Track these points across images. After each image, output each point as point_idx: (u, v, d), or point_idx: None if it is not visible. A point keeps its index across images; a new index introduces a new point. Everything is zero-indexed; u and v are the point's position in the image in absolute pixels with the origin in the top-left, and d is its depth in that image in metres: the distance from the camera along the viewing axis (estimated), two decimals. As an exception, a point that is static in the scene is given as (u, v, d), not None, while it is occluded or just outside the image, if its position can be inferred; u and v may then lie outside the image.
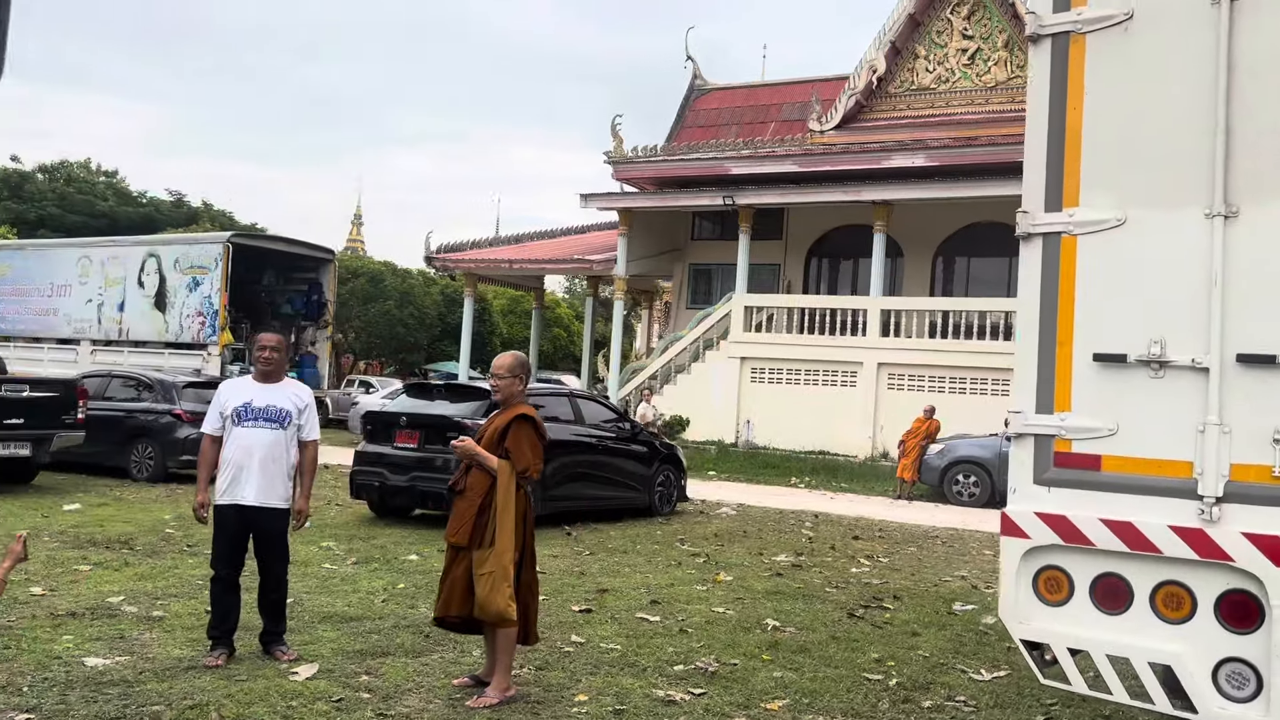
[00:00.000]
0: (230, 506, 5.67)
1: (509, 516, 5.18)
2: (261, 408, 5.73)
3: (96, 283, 22.00)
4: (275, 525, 5.79)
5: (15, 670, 5.14)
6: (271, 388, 5.87)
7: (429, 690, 5.26)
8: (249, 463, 5.67)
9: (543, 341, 49.32)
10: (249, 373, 10.62)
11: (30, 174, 54.76)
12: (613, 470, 12.44)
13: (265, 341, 5.90)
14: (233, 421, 5.69)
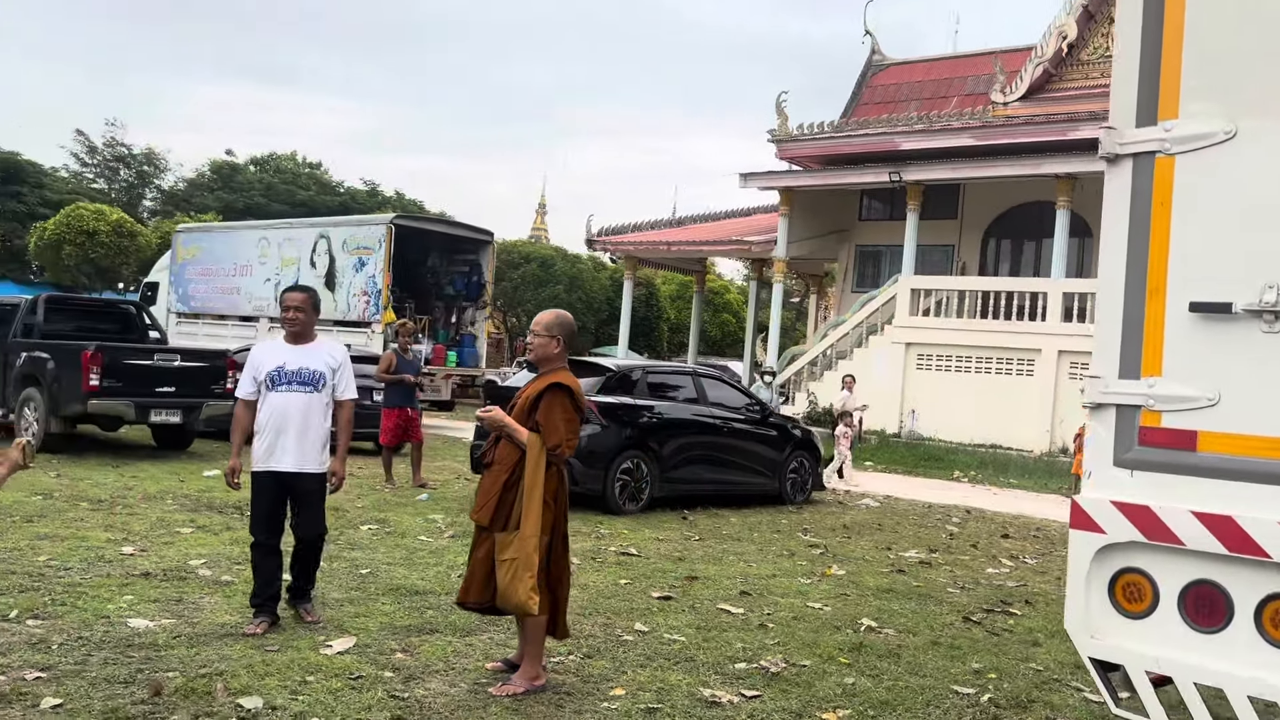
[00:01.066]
0: (267, 473, 5.50)
1: (536, 498, 4.66)
2: (294, 371, 5.53)
3: (274, 263, 23.08)
4: (312, 489, 5.61)
5: (56, 627, 5.13)
6: (304, 349, 5.65)
7: (458, 672, 4.92)
8: (285, 428, 5.49)
9: (711, 327, 48.92)
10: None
11: (241, 166, 58.86)
12: (738, 454, 11.83)
13: (290, 301, 5.66)
14: (266, 386, 5.51)
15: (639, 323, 39.71)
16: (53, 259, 39.16)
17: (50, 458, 11.66)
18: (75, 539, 7.29)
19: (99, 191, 53.63)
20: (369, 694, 4.48)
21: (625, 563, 7.98)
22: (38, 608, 5.42)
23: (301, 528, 5.64)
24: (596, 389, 10.61)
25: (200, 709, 4.14)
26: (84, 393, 11.93)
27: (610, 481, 10.38)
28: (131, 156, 57.03)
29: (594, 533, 9.28)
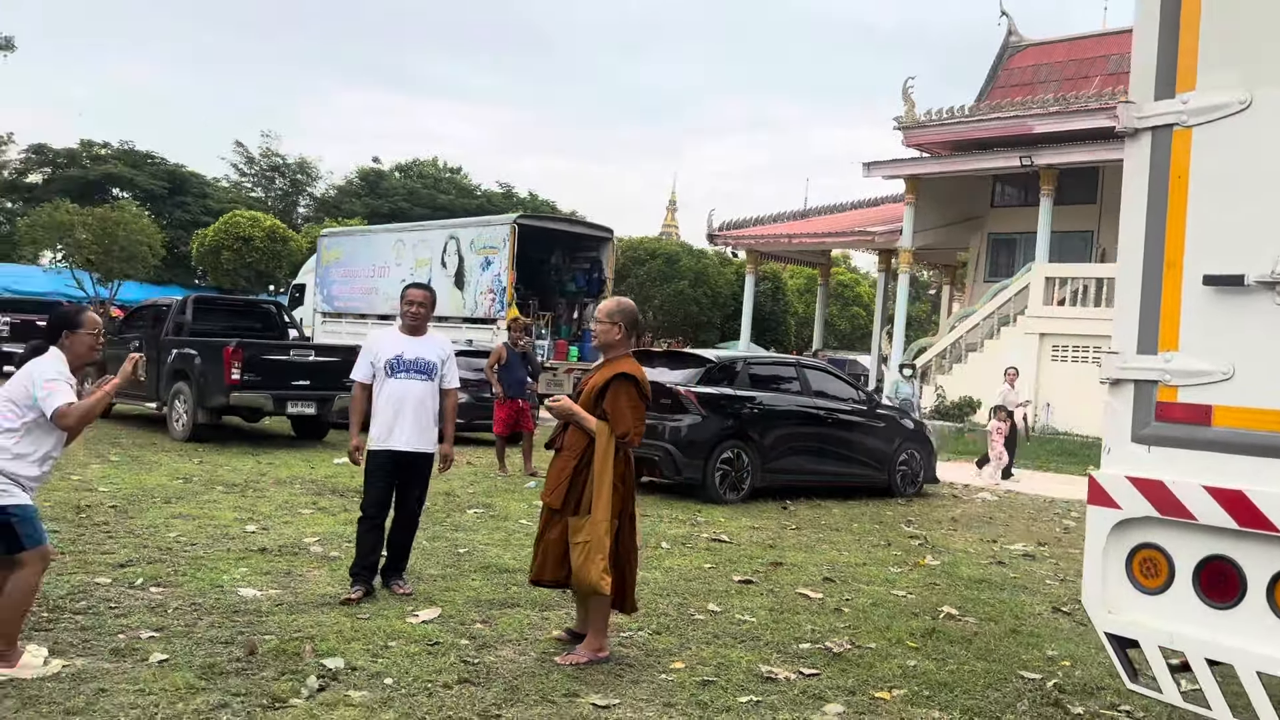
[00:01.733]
0: (385, 452, 5.94)
1: (605, 483, 4.88)
2: (412, 360, 5.97)
3: (408, 264, 24.11)
4: (423, 468, 6.05)
5: (174, 594, 5.65)
6: (419, 340, 6.09)
7: (530, 642, 5.19)
8: (403, 411, 5.93)
9: (840, 320, 48.28)
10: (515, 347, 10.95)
11: (387, 173, 61.42)
12: (844, 445, 11.78)
13: (413, 296, 6.12)
14: (386, 372, 5.95)
15: (765, 317, 39.51)
16: (213, 263, 41.76)
17: (197, 446, 12.61)
18: (206, 518, 7.93)
19: (256, 200, 56.89)
20: (443, 659, 4.79)
21: (714, 549, 8.13)
22: (161, 577, 5.98)
23: (406, 502, 6.09)
24: (696, 380, 10.77)
25: (287, 667, 4.53)
26: (226, 386, 12.82)
27: (710, 471, 10.53)
28: (286, 166, 60.24)
29: (690, 520, 9.45)
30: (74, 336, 4.46)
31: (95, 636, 4.77)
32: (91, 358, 4.57)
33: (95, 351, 4.57)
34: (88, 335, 4.49)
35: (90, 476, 9.49)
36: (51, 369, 4.35)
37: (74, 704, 3.87)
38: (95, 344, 4.54)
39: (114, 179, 50.41)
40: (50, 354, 4.43)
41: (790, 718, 4.31)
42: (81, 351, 4.49)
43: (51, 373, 4.33)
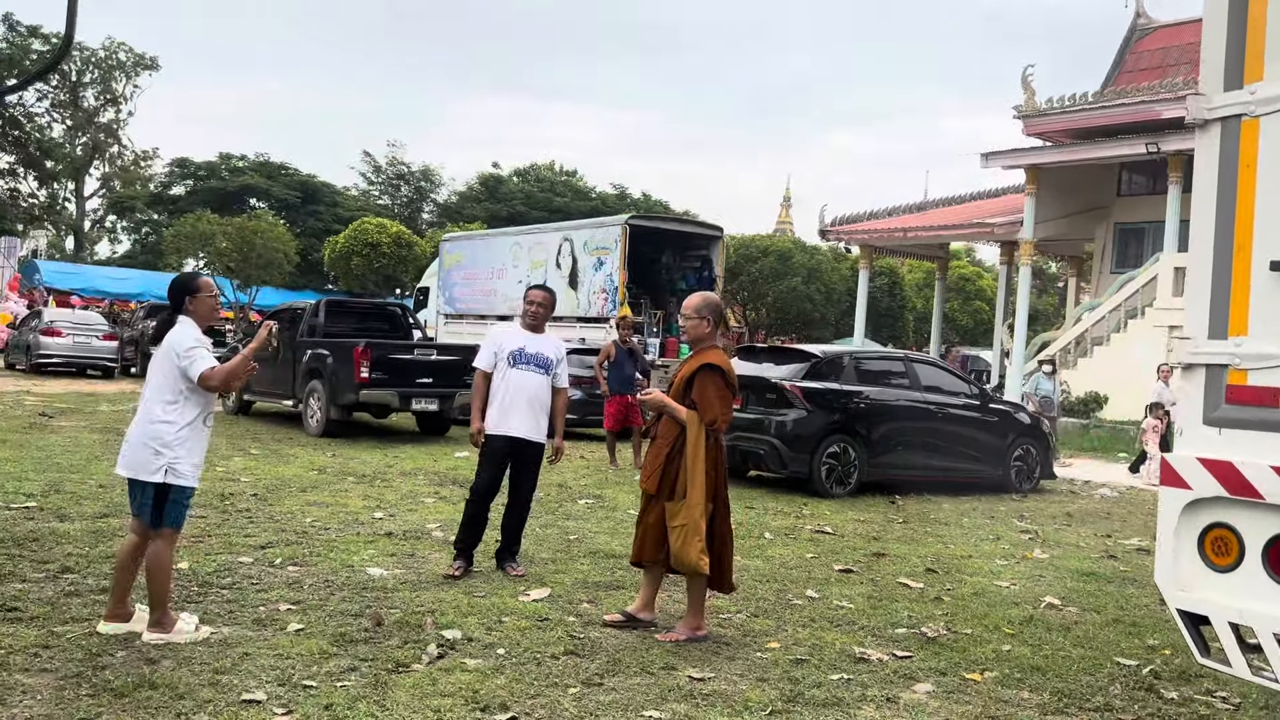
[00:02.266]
0: (501, 437, 6.36)
1: (699, 468, 5.14)
2: (533, 354, 6.38)
3: (525, 266, 24.84)
4: (534, 456, 6.45)
5: (309, 572, 6.15)
6: (539, 337, 6.51)
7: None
8: (519, 400, 6.35)
9: (961, 315, 47.21)
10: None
11: (505, 177, 62.97)
12: (955, 440, 11.72)
13: (533, 297, 6.54)
14: (508, 363, 6.39)
15: (882, 313, 39.07)
16: (344, 269, 43.68)
17: (330, 441, 13.37)
18: (337, 505, 8.50)
19: (383, 207, 59.12)
20: (551, 633, 5.12)
21: (818, 540, 8.28)
22: (298, 557, 6.50)
23: (518, 488, 6.48)
24: (801, 375, 10.91)
25: (410, 637, 4.93)
26: (356, 384, 13.56)
27: (816, 465, 10.65)
28: (410, 174, 62.43)
29: (795, 513, 9.61)
30: (195, 300, 4.86)
31: (239, 608, 5.27)
32: (214, 319, 4.97)
33: (216, 313, 4.97)
34: (208, 297, 4.89)
35: (234, 468, 10.23)
36: (189, 337, 4.75)
37: (221, 664, 4.34)
38: (216, 305, 4.96)
39: (251, 190, 53.14)
40: (180, 323, 4.81)
41: (879, 694, 4.48)
42: (205, 313, 4.89)
43: (189, 341, 4.74)
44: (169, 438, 4.71)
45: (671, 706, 4.18)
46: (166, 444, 4.70)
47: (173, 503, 4.73)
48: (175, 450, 4.70)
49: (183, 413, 4.74)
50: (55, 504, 7.68)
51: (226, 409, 16.53)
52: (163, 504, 4.71)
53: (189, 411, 4.75)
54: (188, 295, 4.91)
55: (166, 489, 4.71)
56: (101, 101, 57.89)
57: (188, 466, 4.75)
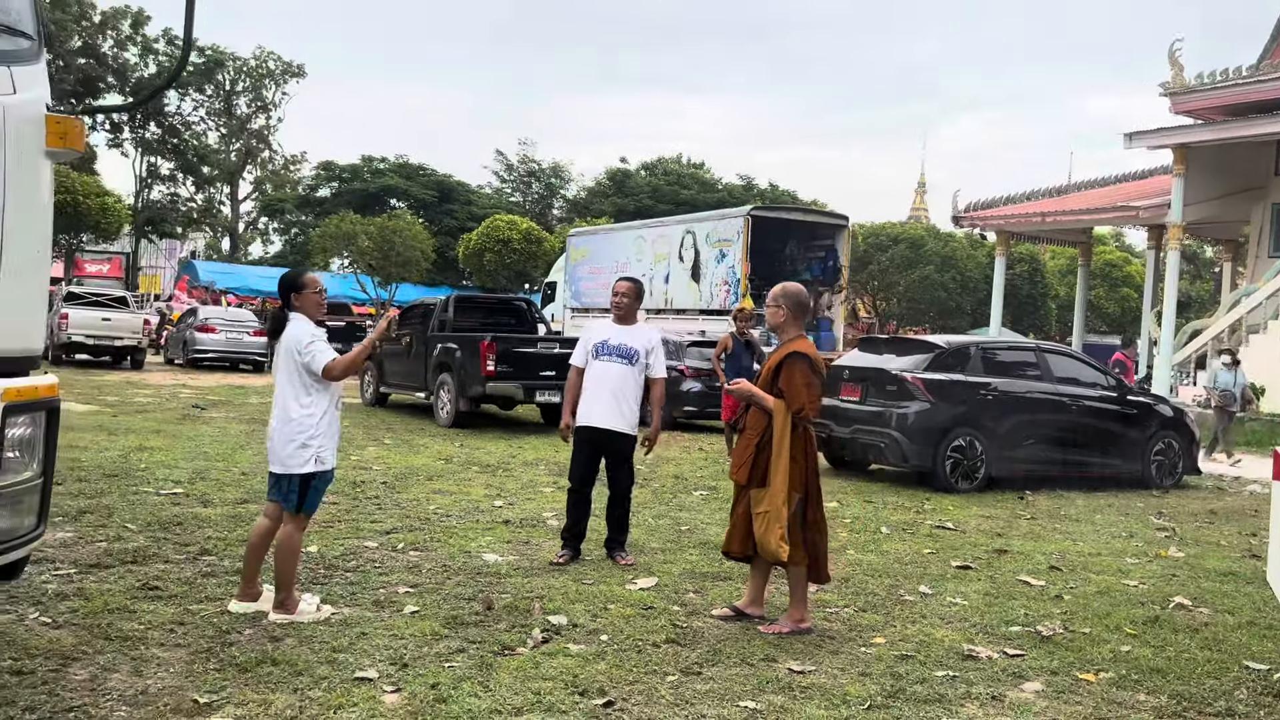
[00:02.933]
0: (583, 428, 6.48)
1: (783, 456, 5.12)
2: (616, 345, 6.44)
3: (648, 259, 25.02)
4: (620, 447, 6.49)
5: (428, 557, 6.39)
6: (627, 329, 6.55)
7: (738, 614, 5.49)
8: (600, 391, 6.42)
9: (1108, 303, 45.07)
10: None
11: (632, 172, 63.46)
12: (1090, 433, 11.24)
13: (618, 289, 6.58)
14: (592, 355, 6.47)
15: (1022, 301, 37.67)
16: (477, 265, 44.88)
17: (458, 432, 13.81)
18: (460, 494, 8.79)
19: (515, 204, 60.46)
20: (654, 621, 5.20)
21: (937, 535, 8.10)
22: (419, 543, 6.77)
23: (614, 479, 6.56)
24: (924, 366, 10.66)
25: (517, 621, 5.08)
26: (483, 377, 13.95)
27: (940, 459, 10.39)
28: (541, 171, 63.64)
29: (915, 507, 9.41)
30: (301, 297, 5.10)
31: (360, 590, 5.53)
32: (319, 313, 5.15)
33: (321, 308, 5.16)
34: (312, 294, 5.11)
35: (367, 457, 10.69)
36: (305, 333, 5.01)
37: (340, 643, 4.57)
38: (321, 300, 5.15)
39: (391, 190, 55.17)
40: (294, 320, 5.07)
41: (985, 692, 4.37)
42: (310, 309, 5.12)
43: (306, 336, 5.00)
44: (312, 429, 4.96)
45: (768, 698, 4.19)
46: (312, 435, 4.96)
47: (314, 489, 5.01)
48: (319, 440, 4.97)
49: (317, 403, 5.01)
50: (200, 490, 8.20)
51: (364, 401, 17.27)
52: (305, 491, 4.99)
53: (322, 401, 5.02)
54: (293, 292, 5.15)
55: (310, 477, 4.99)
56: (253, 109, 61.10)
57: (329, 453, 5.02)
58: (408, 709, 3.84)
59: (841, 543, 7.39)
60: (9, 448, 2.89)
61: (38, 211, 3.00)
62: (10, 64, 2.94)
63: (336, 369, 4.97)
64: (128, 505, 7.37)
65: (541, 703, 3.98)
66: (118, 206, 36.86)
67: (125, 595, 5.12)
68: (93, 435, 11.13)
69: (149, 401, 15.67)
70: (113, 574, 5.53)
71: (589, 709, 3.95)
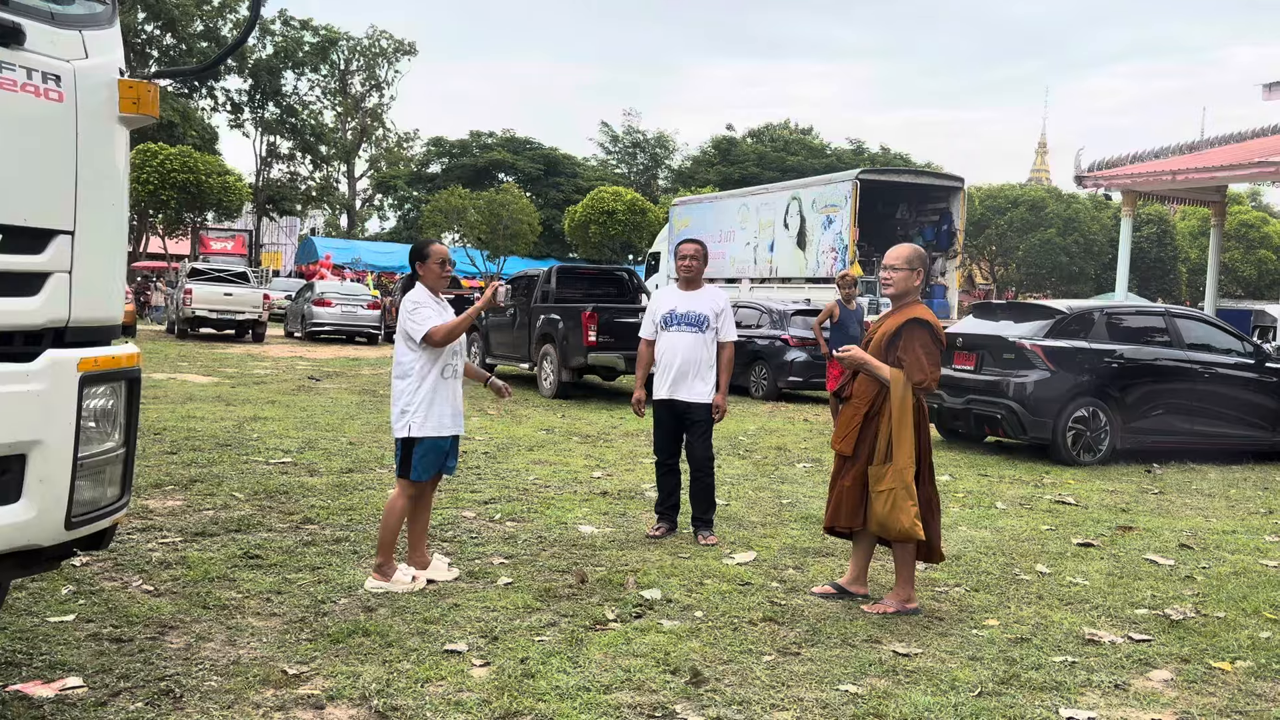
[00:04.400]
0: (662, 401, 6.31)
1: (906, 430, 4.85)
2: (683, 313, 6.23)
3: (752, 227, 24.62)
4: (698, 417, 6.29)
5: (525, 528, 6.34)
6: (693, 294, 6.34)
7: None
8: (674, 362, 6.24)
9: (1244, 266, 42.51)
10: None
11: (738, 140, 62.70)
12: (1223, 403, 10.52)
13: (684, 251, 6.35)
14: (661, 326, 6.28)
15: (1150, 265, 35.81)
16: (582, 237, 45.04)
17: (561, 402, 13.85)
18: (560, 464, 8.75)
19: (620, 175, 60.49)
20: (751, 598, 5.02)
21: (1056, 511, 7.68)
22: (516, 514, 6.73)
23: (692, 451, 6.34)
24: (1044, 333, 10.12)
25: (611, 595, 4.97)
26: (584, 347, 13.92)
27: (1060, 431, 9.87)
28: (646, 141, 63.47)
29: (1034, 481, 8.97)
30: (424, 266, 5.13)
31: (457, 560, 5.50)
32: (443, 283, 5.18)
33: (444, 278, 5.18)
34: (434, 264, 5.11)
35: (470, 428, 10.75)
36: (410, 299, 5.05)
37: (431, 615, 4.53)
38: (444, 271, 5.16)
39: (498, 165, 55.81)
40: (415, 287, 5.15)
41: (1107, 680, 4.06)
42: (432, 279, 5.13)
43: (410, 302, 5.03)
44: (408, 396, 5.02)
45: (870, 681, 3.97)
46: (409, 402, 5.01)
47: (418, 456, 5.00)
48: (416, 407, 4.99)
49: (420, 370, 5.00)
50: (308, 459, 8.35)
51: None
52: (408, 457, 5.00)
53: (425, 368, 5.00)
54: (418, 261, 5.20)
55: (411, 442, 4.99)
56: (367, 88, 62.46)
57: (428, 420, 4.99)
58: (495, 684, 3.76)
59: (953, 518, 7.05)
60: (88, 418, 2.87)
61: (112, 177, 2.97)
62: (83, 28, 2.90)
63: (438, 335, 4.96)
64: (237, 474, 7.54)
65: (631, 680, 3.85)
66: (239, 185, 38.15)
67: (226, 564, 5.20)
68: (211, 406, 11.50)
69: (267, 373, 16.17)
70: (216, 542, 5.63)
71: (679, 688, 3.80)
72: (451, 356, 5.12)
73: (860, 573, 5.18)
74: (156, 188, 35.28)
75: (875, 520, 4.88)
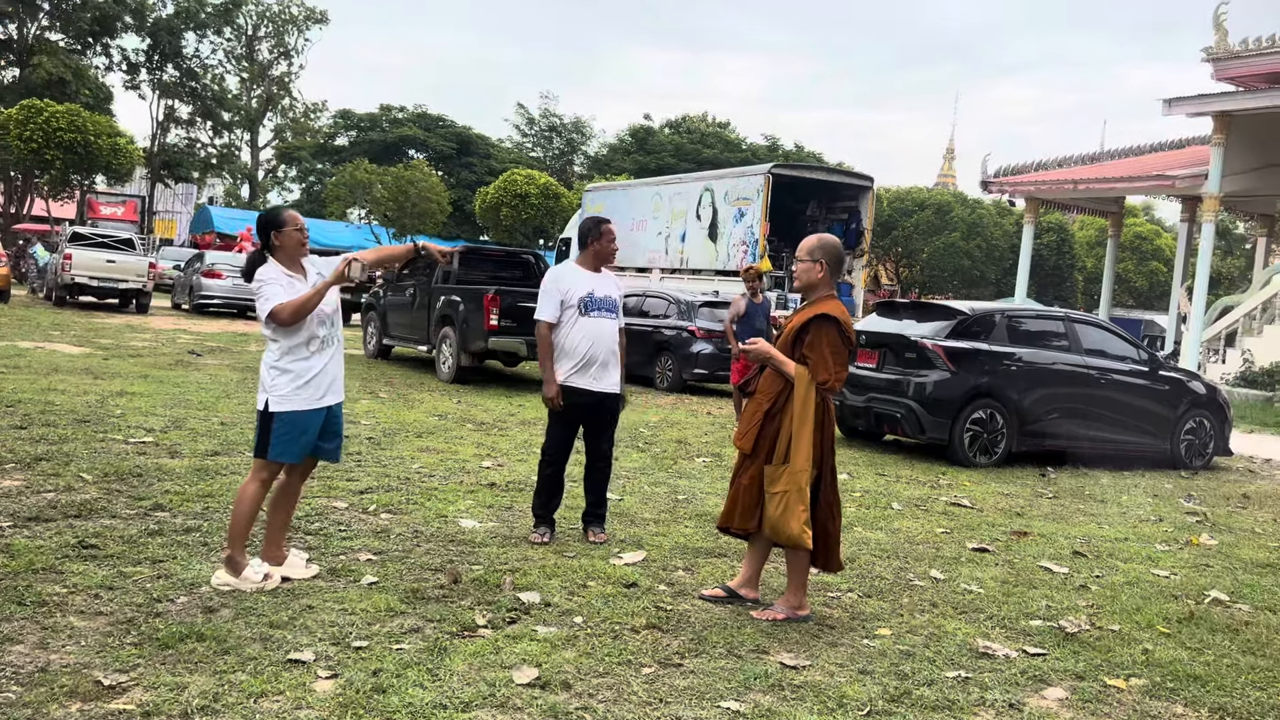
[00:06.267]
0: (586, 392, 5.77)
1: (805, 430, 4.58)
2: (602, 298, 5.83)
3: (665, 217, 24.35)
4: (615, 408, 5.95)
5: (401, 522, 5.92)
6: (601, 278, 5.91)
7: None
8: (599, 352, 5.78)
9: (1137, 276, 44.05)
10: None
11: (656, 129, 62.41)
12: (1118, 409, 10.64)
13: (613, 231, 5.95)
14: (580, 311, 5.78)
15: (1049, 272, 36.73)
16: (493, 219, 44.24)
17: (459, 387, 13.35)
18: (448, 452, 8.32)
19: (535, 159, 59.64)
20: (636, 603, 4.70)
21: (951, 513, 7.57)
22: (393, 504, 6.29)
23: (601, 445, 5.95)
24: (946, 333, 10.07)
25: (485, 597, 4.60)
26: (485, 331, 13.44)
27: (958, 432, 9.83)
28: (563, 125, 62.71)
29: (930, 482, 8.88)
30: (281, 235, 4.63)
31: (319, 556, 5.06)
32: (302, 251, 4.70)
33: (303, 246, 4.69)
34: (293, 231, 4.64)
35: (357, 411, 10.23)
36: (260, 274, 4.58)
37: (279, 618, 4.09)
38: (302, 238, 4.67)
39: (409, 141, 54.47)
40: (267, 261, 4.65)
41: (1001, 698, 3.87)
42: (291, 248, 4.65)
43: (257, 280, 4.57)
44: (268, 371, 4.61)
45: (754, 698, 3.69)
46: (268, 378, 4.60)
47: (276, 434, 4.53)
48: (276, 383, 4.57)
49: (281, 345, 4.57)
50: (171, 440, 7.75)
51: (367, 353, 16.82)
52: (267, 433, 4.54)
53: (286, 342, 4.56)
54: (273, 230, 4.69)
55: (269, 417, 4.53)
56: (275, 55, 60.28)
57: (292, 393, 4.54)
58: (338, 700, 3.36)
59: (850, 519, 6.85)
60: None
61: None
62: None
63: (283, 314, 4.48)
64: (89, 453, 6.93)
65: (494, 697, 3.50)
66: (130, 147, 36.22)
67: (56, 553, 4.67)
68: (76, 379, 10.72)
69: (144, 346, 15.28)
70: (50, 529, 5.08)
71: (548, 705, 3.46)
72: (319, 327, 4.65)
73: (753, 576, 4.92)
74: (40, 146, 33.30)
75: (768, 523, 4.62)
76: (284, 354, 4.57)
